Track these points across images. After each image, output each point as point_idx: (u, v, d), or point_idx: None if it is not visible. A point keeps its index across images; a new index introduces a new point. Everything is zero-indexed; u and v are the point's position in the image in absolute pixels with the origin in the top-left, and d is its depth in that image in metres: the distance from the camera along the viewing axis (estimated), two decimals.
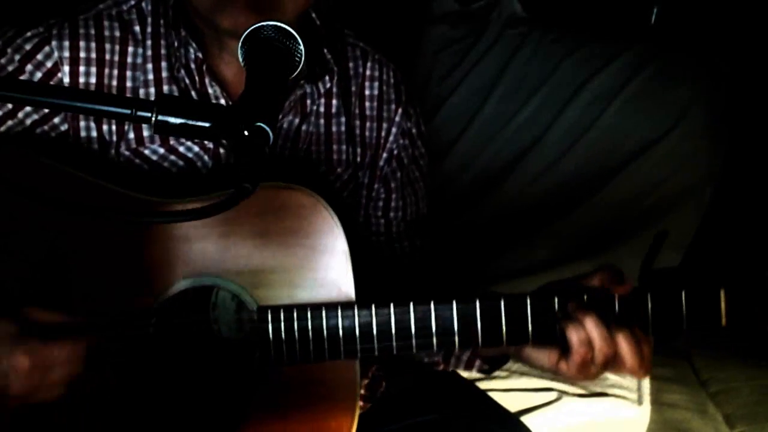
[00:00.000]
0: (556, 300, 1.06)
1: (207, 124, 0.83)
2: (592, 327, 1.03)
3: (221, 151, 1.20)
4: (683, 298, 1.06)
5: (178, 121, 0.82)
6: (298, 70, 0.97)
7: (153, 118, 0.82)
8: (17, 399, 0.95)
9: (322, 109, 1.26)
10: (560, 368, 1.08)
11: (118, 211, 1.02)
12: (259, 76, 0.92)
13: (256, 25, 0.95)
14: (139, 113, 0.82)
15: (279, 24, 0.95)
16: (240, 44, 0.95)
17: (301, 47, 0.96)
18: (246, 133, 0.83)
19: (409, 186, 1.35)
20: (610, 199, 2.03)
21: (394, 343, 1.07)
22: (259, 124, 0.83)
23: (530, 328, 1.06)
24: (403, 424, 1.22)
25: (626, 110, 2.10)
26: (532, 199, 2.12)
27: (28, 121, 1.15)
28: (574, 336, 1.03)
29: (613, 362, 1.04)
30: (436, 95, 2.37)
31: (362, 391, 1.28)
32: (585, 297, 1.06)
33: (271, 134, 0.84)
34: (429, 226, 1.40)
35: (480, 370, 1.27)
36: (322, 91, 1.25)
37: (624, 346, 1.03)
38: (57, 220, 1.06)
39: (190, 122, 0.83)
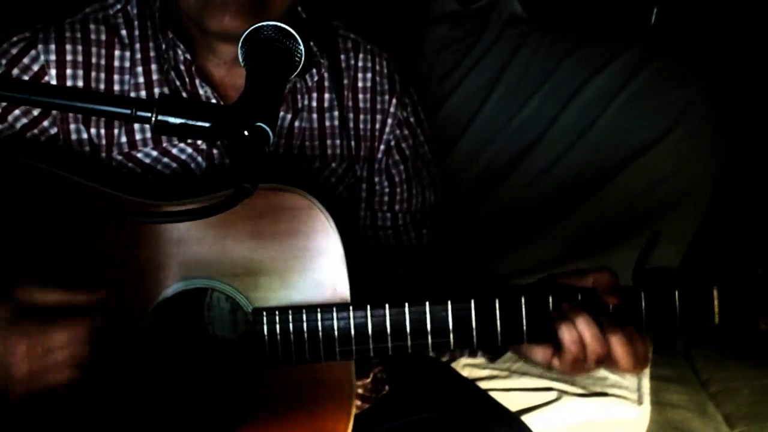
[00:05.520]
0: (551, 299, 1.07)
1: (207, 124, 0.83)
2: (584, 327, 1.04)
3: (215, 152, 1.20)
4: (677, 296, 1.06)
5: (178, 121, 0.83)
6: (299, 69, 0.97)
7: (153, 118, 0.82)
8: (23, 384, 0.94)
9: (314, 104, 1.26)
10: (553, 365, 1.09)
11: (120, 212, 1.02)
12: (259, 76, 0.92)
13: (256, 25, 0.95)
14: (139, 113, 0.82)
15: (279, 24, 0.95)
16: (240, 44, 0.95)
17: (301, 47, 0.96)
18: (246, 133, 0.83)
19: (415, 177, 1.35)
20: (610, 199, 2.03)
21: (390, 344, 1.07)
22: (259, 124, 0.83)
23: (525, 328, 1.07)
24: (402, 422, 1.22)
25: (626, 110, 2.10)
26: (532, 199, 2.12)
27: (18, 125, 1.15)
28: (566, 335, 1.04)
29: (605, 360, 1.05)
30: (436, 95, 2.37)
31: (363, 392, 1.28)
32: (579, 296, 1.07)
33: (271, 134, 0.84)
34: (437, 216, 1.39)
35: (484, 357, 1.27)
36: (309, 84, 1.24)
37: (616, 345, 1.04)
38: (53, 223, 1.06)
39: (190, 122, 0.83)
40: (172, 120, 0.82)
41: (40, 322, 0.95)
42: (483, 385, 1.45)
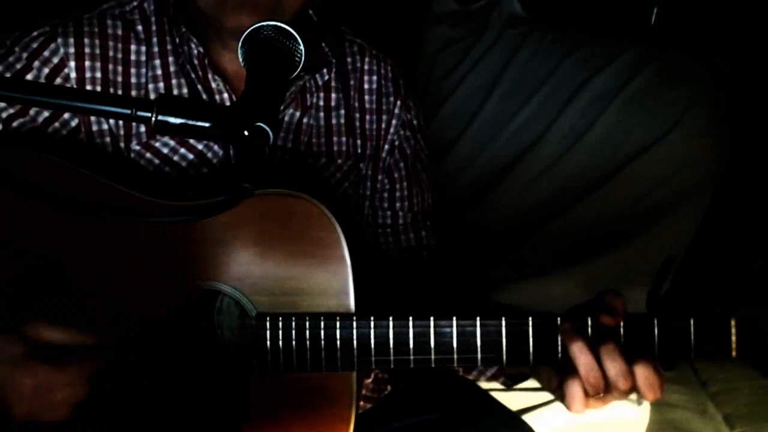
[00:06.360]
0: (589, 321, 1.03)
1: (207, 124, 0.83)
2: (577, 352, 1.00)
3: None
4: (692, 325, 1.01)
5: (178, 121, 0.83)
6: (298, 69, 0.98)
7: (153, 118, 0.82)
8: (21, 418, 0.94)
9: (321, 103, 1.28)
10: (557, 396, 1.07)
11: (114, 210, 1.02)
12: (259, 75, 0.92)
13: (256, 25, 0.96)
14: (139, 113, 0.82)
15: (279, 24, 0.96)
16: (240, 44, 0.96)
17: (301, 47, 0.97)
18: (246, 133, 0.83)
19: (414, 176, 1.37)
20: (610, 199, 2.03)
21: (392, 358, 1.05)
22: (259, 124, 0.83)
23: (531, 350, 1.04)
24: (404, 422, 1.22)
25: (626, 110, 2.10)
26: (532, 199, 2.12)
27: (40, 119, 1.17)
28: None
29: (609, 390, 1.01)
30: (436, 95, 2.37)
31: (365, 392, 1.29)
32: (589, 319, 1.03)
33: (271, 134, 0.84)
34: (436, 222, 1.41)
35: (502, 384, 1.27)
36: (320, 83, 1.27)
37: (612, 372, 0.99)
38: (56, 223, 1.05)
39: (190, 122, 0.83)
40: (172, 120, 0.83)
41: (48, 361, 0.95)
42: (483, 384, 1.45)
